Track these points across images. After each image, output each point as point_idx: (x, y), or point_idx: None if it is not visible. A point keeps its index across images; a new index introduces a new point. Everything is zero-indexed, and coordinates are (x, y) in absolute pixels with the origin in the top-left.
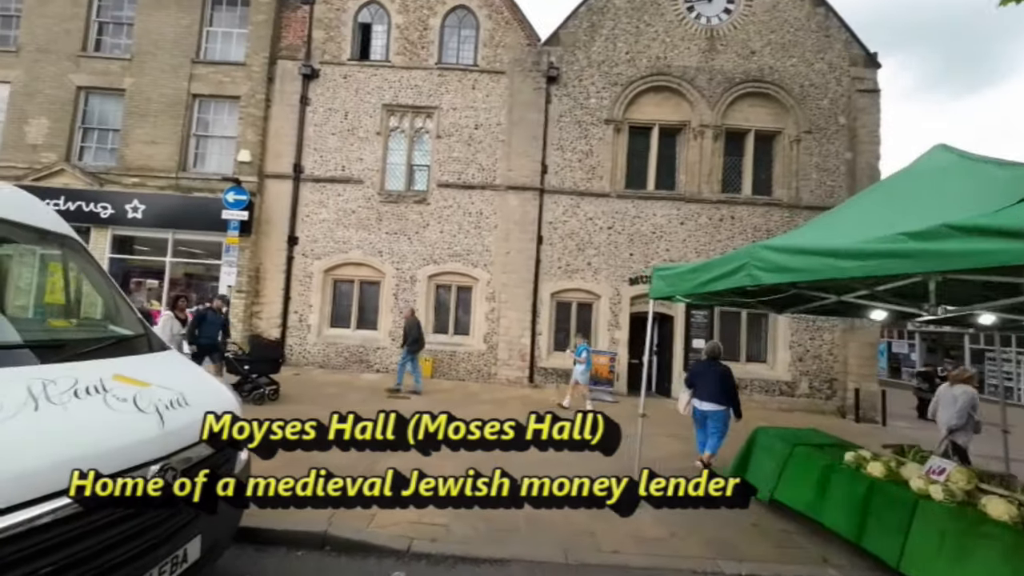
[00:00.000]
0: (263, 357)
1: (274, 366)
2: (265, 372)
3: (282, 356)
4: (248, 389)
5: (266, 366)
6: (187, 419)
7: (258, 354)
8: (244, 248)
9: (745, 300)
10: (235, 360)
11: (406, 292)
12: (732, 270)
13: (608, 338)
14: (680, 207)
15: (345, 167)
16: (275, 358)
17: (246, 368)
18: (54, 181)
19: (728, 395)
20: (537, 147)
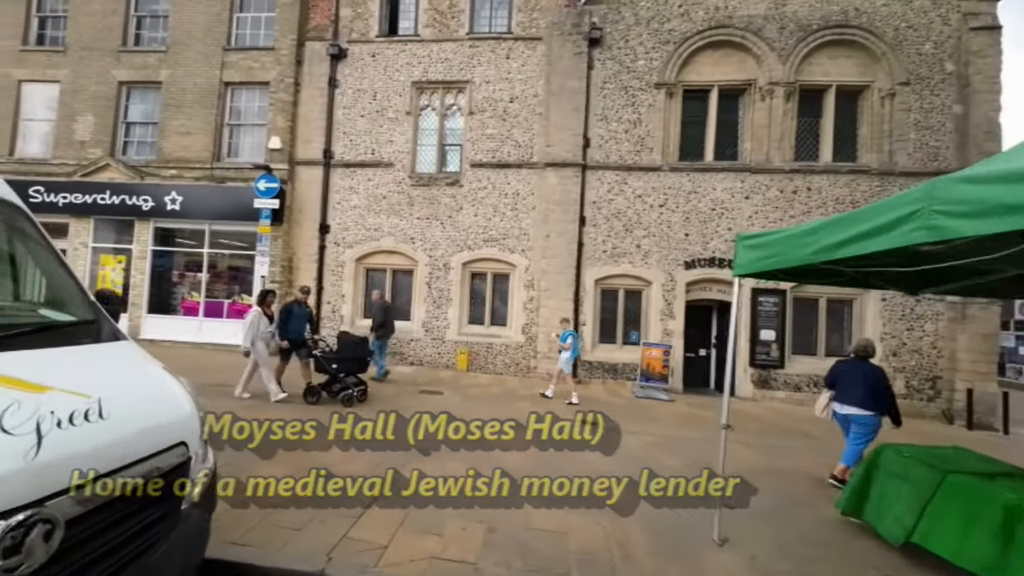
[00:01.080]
0: (352, 355)
1: (362, 365)
2: (353, 371)
3: (369, 354)
4: (337, 390)
5: (354, 365)
6: (90, 442)
7: (347, 352)
8: (277, 237)
9: (878, 270)
10: (323, 358)
11: (439, 280)
12: (892, 222)
13: (660, 329)
14: (745, 179)
15: (375, 150)
16: (363, 357)
17: (334, 367)
18: (100, 176)
19: (878, 399)
20: (578, 119)
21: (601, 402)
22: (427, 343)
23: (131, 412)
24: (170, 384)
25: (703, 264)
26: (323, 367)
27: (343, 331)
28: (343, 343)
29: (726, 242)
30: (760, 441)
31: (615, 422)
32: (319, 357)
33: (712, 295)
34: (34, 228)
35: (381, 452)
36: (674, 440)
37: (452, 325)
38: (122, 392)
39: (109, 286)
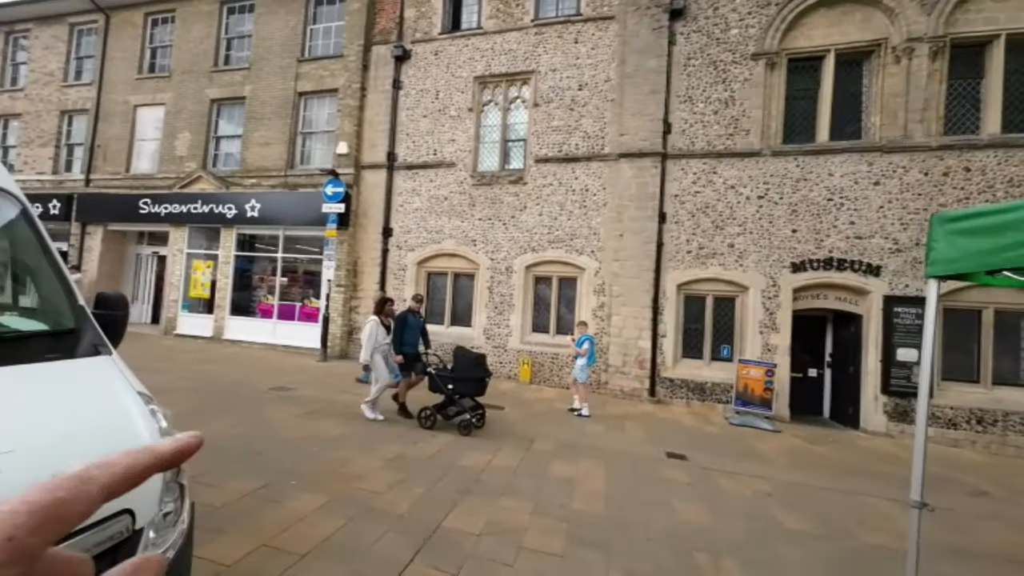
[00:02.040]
0: (470, 375)
1: (481, 387)
2: (471, 393)
3: (489, 374)
4: (452, 414)
5: (473, 386)
6: None
7: (464, 370)
8: (342, 241)
9: None
10: (438, 376)
11: (501, 285)
12: None
13: (760, 343)
14: (873, 161)
15: (437, 150)
16: (482, 377)
17: (450, 388)
18: (194, 188)
19: None
20: (657, 102)
21: (686, 428)
22: (488, 351)
23: (44, 469)
24: (133, 422)
25: (816, 266)
26: (438, 387)
27: (459, 346)
28: (460, 360)
29: (847, 239)
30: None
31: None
32: (435, 375)
33: (827, 303)
34: (28, 222)
35: None
36: (791, 489)
37: (514, 333)
38: (49, 438)
39: (199, 290)
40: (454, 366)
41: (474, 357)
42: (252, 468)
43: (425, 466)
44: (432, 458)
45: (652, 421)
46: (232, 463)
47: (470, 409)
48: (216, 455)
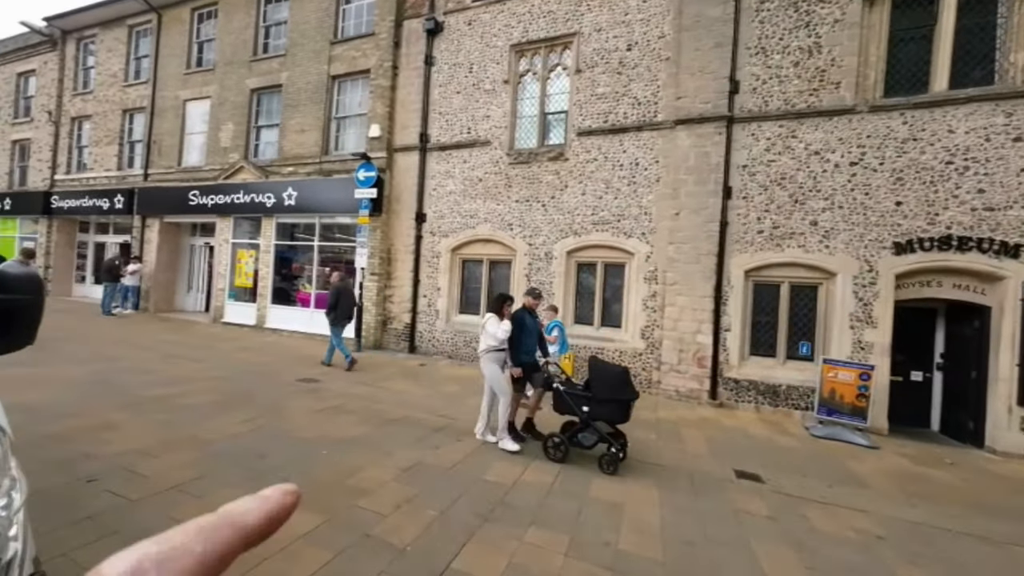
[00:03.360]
0: (612, 395)
1: (626, 411)
2: (613, 419)
3: (636, 395)
4: (589, 443)
5: (616, 410)
6: None
7: (604, 388)
8: (375, 228)
9: None
10: (569, 395)
11: (540, 272)
12: None
13: (851, 341)
14: (1013, 111)
15: (471, 128)
16: (629, 400)
17: (586, 410)
18: (236, 178)
19: None
20: (723, 57)
21: (757, 439)
22: None
23: None
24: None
25: (928, 246)
26: (568, 407)
27: (595, 357)
28: (599, 375)
29: (972, 212)
30: None
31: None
32: (566, 393)
33: (941, 292)
34: None
35: None
36: (909, 530)
37: None
38: None
39: (244, 279)
40: (590, 382)
41: (618, 373)
42: (249, 475)
43: (443, 481)
44: (453, 470)
45: (714, 429)
46: (230, 467)
47: (610, 437)
48: (215, 458)
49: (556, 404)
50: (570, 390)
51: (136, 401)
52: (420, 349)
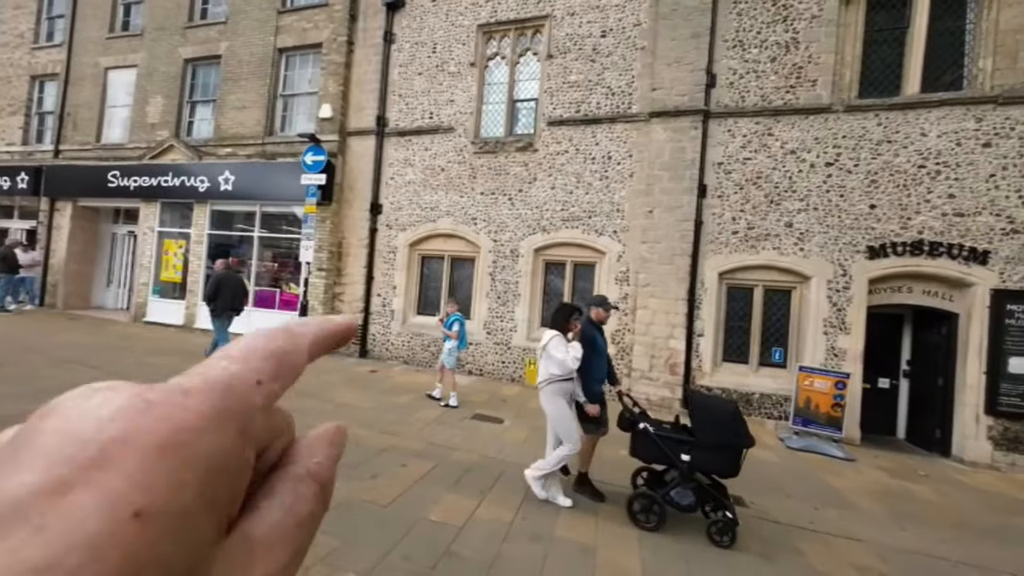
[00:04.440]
0: (725, 440)
1: (737, 459)
2: (720, 470)
3: (751, 440)
4: (686, 503)
5: (726, 460)
6: None
7: (711, 430)
8: (324, 219)
9: None
10: (663, 438)
11: (505, 271)
12: None
13: (824, 347)
14: (983, 116)
15: (433, 113)
16: (743, 444)
17: (685, 460)
18: (165, 158)
19: None
20: (699, 48)
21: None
22: (489, 348)
23: None
24: None
25: (901, 251)
26: (659, 453)
27: (696, 390)
28: (705, 411)
29: (943, 217)
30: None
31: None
32: (655, 436)
33: (911, 298)
34: None
35: None
36: (910, 561)
37: (520, 327)
38: None
39: (171, 273)
40: (692, 421)
41: (729, 410)
42: None
43: (376, 528)
44: (390, 508)
45: None
46: None
47: (720, 498)
48: None
49: (639, 449)
50: (664, 433)
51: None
52: (372, 353)
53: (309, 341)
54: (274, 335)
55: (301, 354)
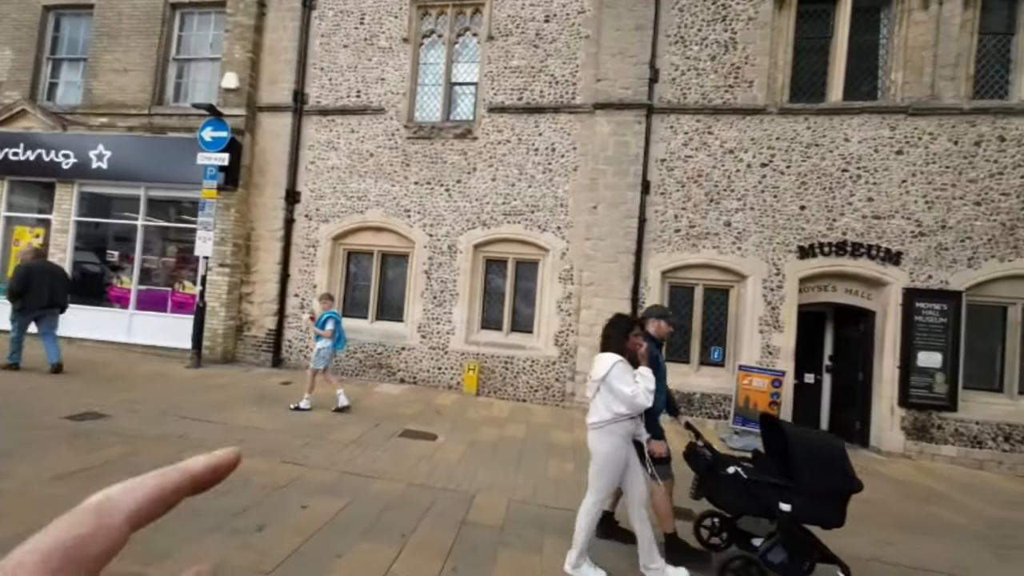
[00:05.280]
0: (835, 485)
1: (842, 508)
2: (826, 521)
3: (858, 480)
4: (781, 562)
5: (833, 508)
6: None
7: (818, 473)
8: (229, 206)
9: None
10: (760, 484)
11: (442, 269)
12: None
13: (760, 344)
14: (896, 125)
15: (361, 91)
16: (853, 489)
17: (787, 509)
18: (15, 125)
19: None
20: (643, 41)
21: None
22: (423, 354)
23: None
24: None
25: (827, 251)
26: (755, 503)
27: (794, 425)
28: (806, 449)
29: (864, 219)
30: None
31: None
32: (751, 482)
33: (835, 297)
34: None
35: None
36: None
37: (458, 330)
38: None
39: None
40: (793, 460)
41: (837, 447)
42: None
43: None
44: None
45: None
46: None
47: (812, 548)
48: None
49: (724, 497)
50: (759, 479)
51: None
52: (288, 362)
53: (128, 510)
54: (74, 522)
55: (109, 536)
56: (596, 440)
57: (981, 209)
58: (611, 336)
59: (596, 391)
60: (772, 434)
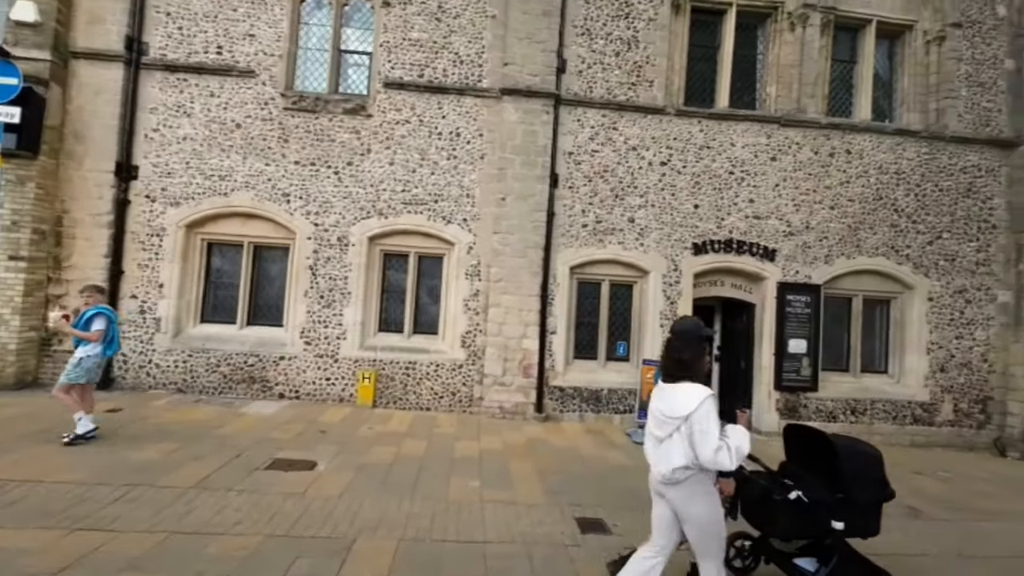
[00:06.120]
0: (877, 495)
1: (879, 515)
2: (868, 532)
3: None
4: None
5: (873, 518)
6: None
7: (867, 484)
8: (25, 180)
9: None
10: (816, 504)
11: (331, 264)
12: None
13: (662, 339)
14: (771, 134)
15: (224, 47)
16: (888, 497)
17: (840, 527)
18: None
19: None
20: (551, 27)
21: (588, 459)
22: (308, 363)
23: None
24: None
25: (717, 248)
26: (814, 524)
27: (799, 425)
28: (853, 459)
29: (746, 219)
30: None
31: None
32: (808, 503)
33: (723, 291)
34: None
35: None
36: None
37: (351, 334)
38: None
39: None
40: (841, 472)
41: (875, 456)
42: None
43: None
44: None
45: (545, 455)
46: None
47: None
48: None
49: (783, 524)
50: (816, 496)
51: None
52: (123, 382)
53: None
54: None
55: None
56: (685, 499)
57: (834, 212)
58: (687, 359)
59: (674, 431)
60: (801, 444)
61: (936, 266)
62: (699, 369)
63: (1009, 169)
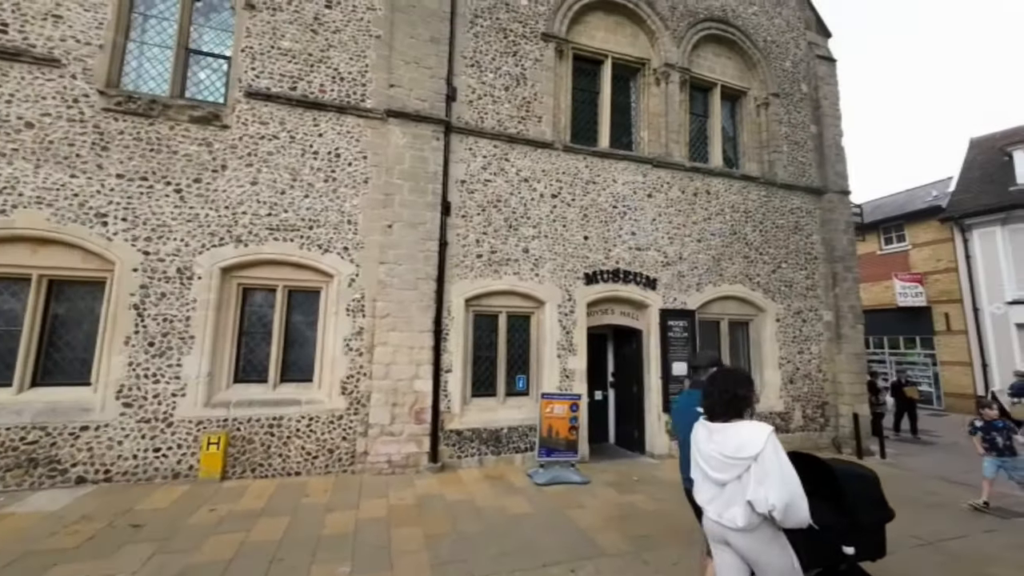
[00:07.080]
0: (881, 515)
1: (883, 535)
2: (873, 553)
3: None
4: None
5: (877, 539)
6: None
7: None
8: None
9: None
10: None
11: (167, 301)
12: None
13: (559, 370)
14: (646, 173)
15: (11, 24)
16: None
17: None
18: None
19: None
20: (439, 55)
21: (488, 513)
22: (126, 431)
23: None
24: None
25: (607, 277)
26: (828, 552)
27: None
28: (853, 480)
29: (630, 250)
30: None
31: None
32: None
33: (614, 319)
34: None
35: None
36: None
37: (192, 389)
38: None
39: None
40: (848, 500)
41: (874, 477)
42: None
43: None
44: None
45: (436, 512)
46: None
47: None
48: None
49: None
50: (823, 520)
51: None
52: None
53: None
54: None
55: None
56: (759, 548)
57: (701, 245)
58: (741, 394)
59: (743, 472)
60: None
61: (779, 291)
62: (742, 401)
63: (821, 211)
